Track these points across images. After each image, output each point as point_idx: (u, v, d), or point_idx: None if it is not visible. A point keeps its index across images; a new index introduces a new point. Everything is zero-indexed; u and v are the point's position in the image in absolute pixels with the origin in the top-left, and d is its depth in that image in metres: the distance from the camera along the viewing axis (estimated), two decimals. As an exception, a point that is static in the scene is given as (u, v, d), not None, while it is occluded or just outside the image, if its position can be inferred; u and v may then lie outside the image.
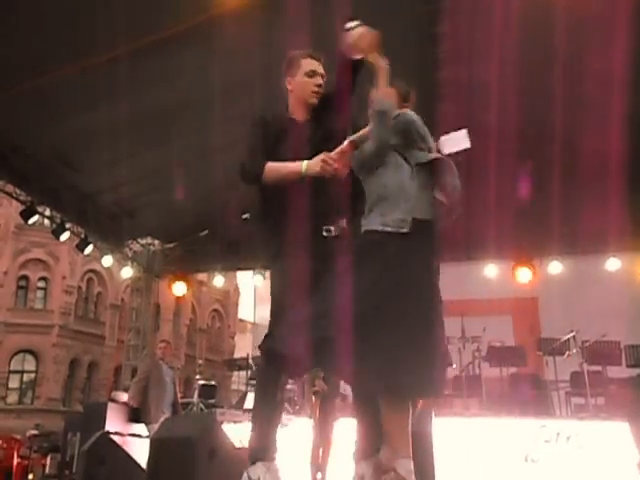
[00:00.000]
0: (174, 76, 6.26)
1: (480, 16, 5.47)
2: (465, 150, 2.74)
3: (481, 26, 5.46)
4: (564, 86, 5.62)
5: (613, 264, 8.85)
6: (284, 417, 6.59)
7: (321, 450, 5.58)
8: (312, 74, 2.59)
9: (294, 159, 2.42)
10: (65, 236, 8.59)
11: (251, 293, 13.79)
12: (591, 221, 7.48)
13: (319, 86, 2.57)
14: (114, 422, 5.42)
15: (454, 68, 5.79)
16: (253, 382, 9.76)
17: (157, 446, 3.80)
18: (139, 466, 4.40)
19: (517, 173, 6.78)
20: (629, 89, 5.58)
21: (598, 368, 7.23)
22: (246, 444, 4.77)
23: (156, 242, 10.40)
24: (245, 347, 20.49)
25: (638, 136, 6.14)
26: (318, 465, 5.64)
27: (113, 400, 7.03)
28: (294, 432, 6.00)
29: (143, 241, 10.27)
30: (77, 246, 8.97)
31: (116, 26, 5.02)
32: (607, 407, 6.94)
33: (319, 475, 4.62)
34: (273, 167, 2.43)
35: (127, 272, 10.22)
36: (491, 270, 9.32)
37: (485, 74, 5.86)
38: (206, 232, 9.94)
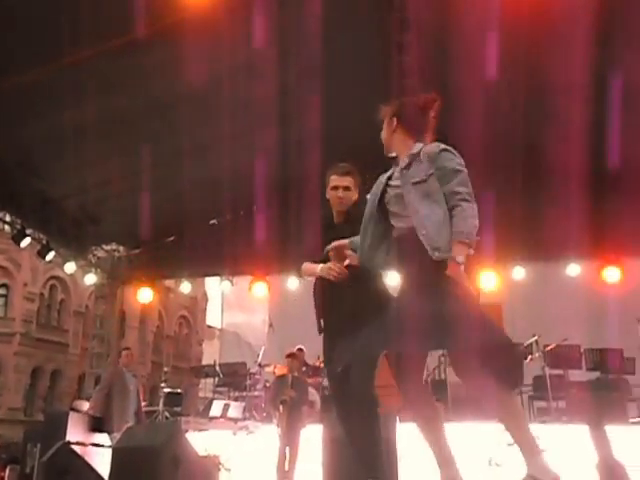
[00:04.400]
0: (141, 80, 6.19)
1: (445, 25, 5.56)
2: None
3: (445, 35, 5.55)
4: (528, 97, 5.75)
5: (573, 270, 9.06)
6: (250, 424, 6.59)
7: (288, 457, 5.58)
8: (335, 188, 3.24)
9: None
10: (26, 242, 8.39)
11: (219, 299, 13.69)
12: (553, 228, 7.64)
13: (340, 197, 3.22)
14: (75, 432, 5.29)
15: (419, 76, 5.88)
16: (220, 389, 9.69)
17: (119, 455, 3.75)
18: (101, 477, 4.32)
19: (481, 182, 6.88)
20: (590, 99, 5.73)
21: (559, 372, 7.38)
22: (211, 452, 4.74)
23: (121, 248, 10.24)
24: (213, 354, 20.27)
25: (598, 146, 6.34)
26: (285, 472, 5.62)
27: (75, 409, 6.88)
28: (261, 439, 5.98)
29: (108, 247, 10.10)
30: (38, 253, 8.77)
31: (82, 29, 4.95)
32: (568, 410, 7.08)
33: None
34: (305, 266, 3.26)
35: (91, 279, 10.03)
36: (457, 276, 9.42)
37: (450, 83, 5.95)
38: (173, 238, 9.85)
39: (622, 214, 7.13)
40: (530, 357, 7.42)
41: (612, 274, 8.83)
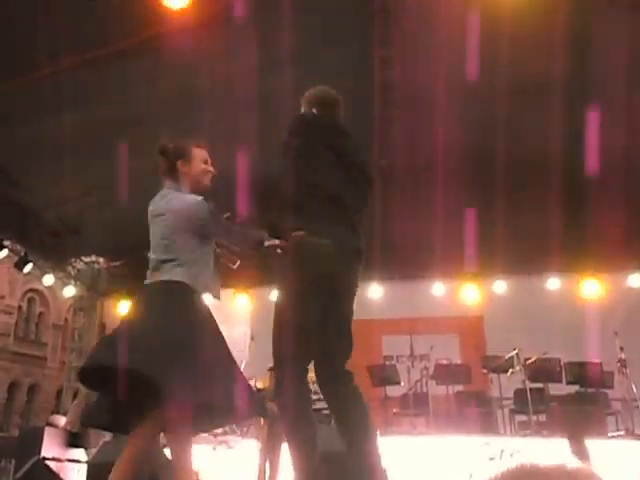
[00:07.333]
0: (122, 90, 6.16)
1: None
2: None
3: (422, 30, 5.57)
4: (508, 103, 5.77)
5: (553, 284, 9.16)
6: (230, 438, 6.50)
7: (268, 472, 5.50)
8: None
9: None
10: (3, 254, 8.24)
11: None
12: (533, 243, 7.71)
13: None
14: (51, 447, 5.17)
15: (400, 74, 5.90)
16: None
17: (95, 471, 3.67)
18: (76, 493, 4.23)
19: (463, 194, 6.93)
20: (567, 106, 5.76)
21: (540, 385, 7.40)
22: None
23: (101, 260, 10.12)
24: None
25: (576, 160, 6.41)
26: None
27: (51, 424, 6.75)
28: (241, 454, 5.90)
29: (87, 259, 9.97)
30: (16, 265, 8.63)
31: (61, 39, 4.91)
32: (549, 424, 7.10)
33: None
34: None
35: (70, 291, 9.89)
36: (439, 289, 9.47)
37: (431, 89, 5.96)
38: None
39: (600, 230, 7.22)
40: (511, 370, 7.43)
41: (591, 288, 8.95)
